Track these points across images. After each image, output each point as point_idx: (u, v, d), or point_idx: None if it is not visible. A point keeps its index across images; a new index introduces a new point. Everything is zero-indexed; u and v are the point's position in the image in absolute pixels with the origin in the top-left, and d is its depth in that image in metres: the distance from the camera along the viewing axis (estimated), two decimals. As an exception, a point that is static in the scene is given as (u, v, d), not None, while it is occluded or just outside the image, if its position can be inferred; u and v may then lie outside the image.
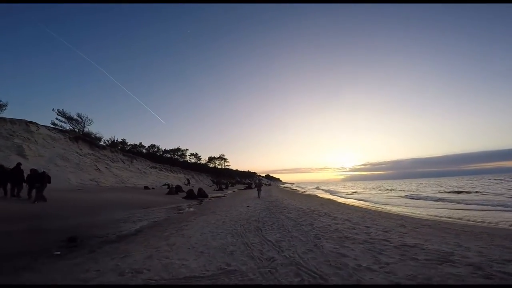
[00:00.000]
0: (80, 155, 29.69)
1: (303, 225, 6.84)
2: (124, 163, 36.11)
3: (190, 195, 18.43)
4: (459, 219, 9.75)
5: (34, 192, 9.86)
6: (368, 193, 32.25)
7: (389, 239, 5.04)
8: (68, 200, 11.89)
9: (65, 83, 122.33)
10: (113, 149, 38.29)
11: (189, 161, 72.71)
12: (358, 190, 42.98)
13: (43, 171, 10.65)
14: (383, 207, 14.97)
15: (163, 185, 36.41)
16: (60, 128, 33.90)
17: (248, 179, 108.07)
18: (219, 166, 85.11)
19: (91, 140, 35.70)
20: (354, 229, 6.21)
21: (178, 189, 23.55)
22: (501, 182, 38.25)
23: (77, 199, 12.72)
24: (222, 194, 25.06)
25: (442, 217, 10.38)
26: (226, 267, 3.52)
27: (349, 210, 11.53)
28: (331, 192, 39.85)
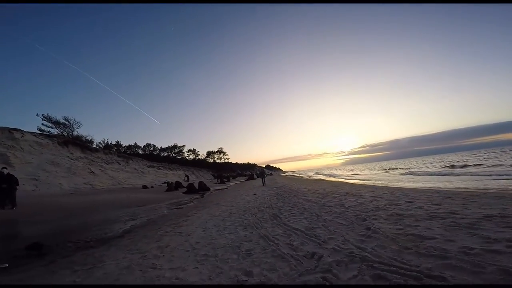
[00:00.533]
0: (72, 159, 28.11)
1: (330, 206, 5.52)
2: (120, 164, 34.59)
3: (190, 190, 17.09)
4: (496, 189, 8.46)
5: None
6: (375, 174, 31.25)
7: (458, 212, 3.70)
8: (50, 204, 10.47)
9: (52, 91, 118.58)
10: (106, 151, 36.65)
11: (187, 157, 71.25)
12: (363, 172, 42.07)
13: (8, 172, 9.19)
14: (399, 184, 13.73)
15: (162, 183, 35.07)
16: (48, 133, 32.16)
17: (249, 170, 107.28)
18: (218, 160, 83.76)
19: (82, 143, 34.04)
20: (399, 205, 4.87)
21: (178, 185, 22.20)
22: (505, 154, 36.45)
23: (63, 204, 11.31)
24: (225, 186, 23.77)
25: (472, 188, 9.05)
26: (246, 279, 2.15)
27: (369, 189, 10.24)
28: (335, 176, 38.87)
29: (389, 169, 36.29)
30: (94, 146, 42.91)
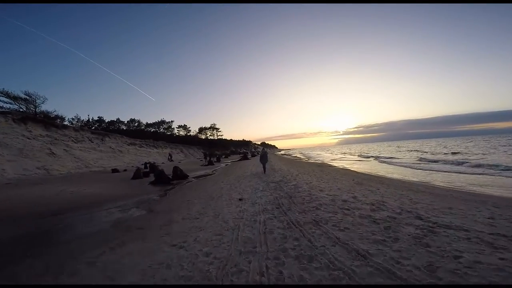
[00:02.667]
0: (28, 138, 23.45)
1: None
2: (93, 142, 30.06)
3: (160, 179, 13.04)
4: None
5: None
6: (388, 156, 27.63)
7: None
8: None
9: (41, 70, 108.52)
10: (77, 127, 31.86)
11: (177, 134, 66.62)
12: (370, 153, 38.53)
13: None
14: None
15: (142, 164, 31.02)
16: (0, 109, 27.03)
17: (244, 148, 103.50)
18: (211, 137, 79.42)
19: (47, 120, 29.10)
20: None
21: (152, 169, 18.15)
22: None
23: None
24: (210, 171, 19.77)
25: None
26: None
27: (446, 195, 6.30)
28: (335, 159, 35.33)
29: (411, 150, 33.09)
30: (66, 123, 37.95)
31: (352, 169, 17.02)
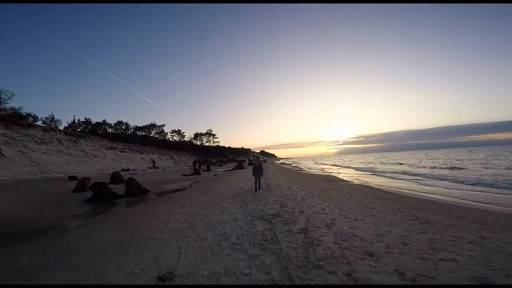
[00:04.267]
0: (-26, 135, 19.37)
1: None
2: (62, 144, 25.85)
3: (98, 196, 8.80)
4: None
5: None
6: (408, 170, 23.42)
7: None
8: None
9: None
10: (47, 127, 27.81)
11: (170, 139, 62.47)
12: (377, 166, 34.28)
13: None
14: None
15: (121, 170, 26.75)
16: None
17: (242, 156, 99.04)
18: (207, 144, 75.27)
19: (9, 117, 25.05)
20: None
21: (114, 178, 14.08)
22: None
23: None
24: (189, 184, 15.46)
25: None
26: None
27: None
28: (340, 167, 31.15)
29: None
30: (39, 123, 33.89)
31: (375, 186, 12.78)
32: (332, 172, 25.15)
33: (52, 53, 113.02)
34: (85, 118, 46.60)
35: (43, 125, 28.76)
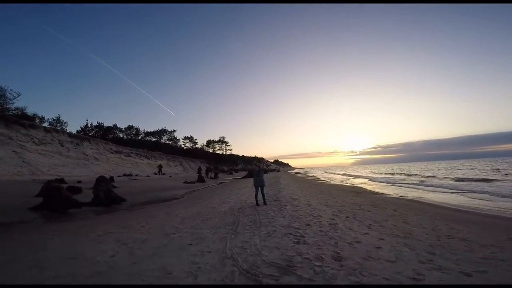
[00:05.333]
0: (-32, 133, 18.20)
1: None
2: (63, 146, 24.49)
3: (49, 204, 6.44)
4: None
5: None
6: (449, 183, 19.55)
7: None
8: None
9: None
10: (50, 128, 26.75)
11: (183, 146, 61.12)
12: (402, 176, 30.26)
13: None
14: None
15: (122, 175, 24.90)
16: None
17: (253, 165, 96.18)
18: (219, 151, 73.32)
19: (12, 117, 24.11)
20: None
21: (100, 183, 11.78)
22: None
23: None
24: (183, 193, 12.86)
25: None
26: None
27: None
28: (370, 179, 27.37)
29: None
30: (46, 124, 33.21)
31: (429, 201, 9.45)
32: (348, 182, 21.66)
33: (71, 56, 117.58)
34: (97, 122, 46.31)
35: (47, 126, 27.72)
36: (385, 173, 37.70)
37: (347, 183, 21.47)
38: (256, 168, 7.70)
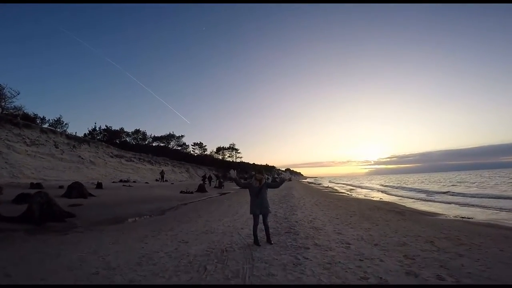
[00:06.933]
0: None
1: None
2: (57, 148, 22.73)
3: None
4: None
5: None
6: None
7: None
8: None
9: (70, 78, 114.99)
10: (46, 128, 25.23)
11: (192, 152, 59.22)
12: (431, 187, 26.04)
13: None
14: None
15: (118, 181, 22.75)
16: None
17: (266, 174, 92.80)
18: (229, 158, 70.94)
19: (4, 116, 22.71)
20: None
21: (72, 190, 9.37)
22: None
23: None
24: (169, 207, 10.16)
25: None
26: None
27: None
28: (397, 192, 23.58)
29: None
30: (47, 126, 32.00)
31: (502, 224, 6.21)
32: (367, 194, 18.15)
33: (84, 58, 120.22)
34: (106, 126, 45.29)
35: (45, 127, 26.26)
36: (399, 185, 33.51)
37: (373, 197, 18.02)
38: (255, 183, 4.59)
